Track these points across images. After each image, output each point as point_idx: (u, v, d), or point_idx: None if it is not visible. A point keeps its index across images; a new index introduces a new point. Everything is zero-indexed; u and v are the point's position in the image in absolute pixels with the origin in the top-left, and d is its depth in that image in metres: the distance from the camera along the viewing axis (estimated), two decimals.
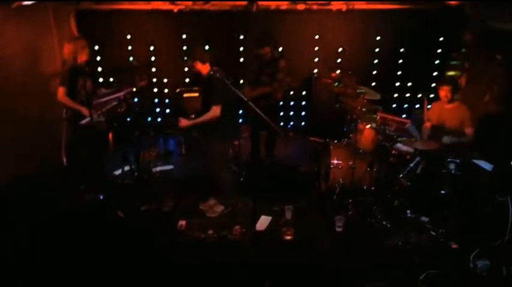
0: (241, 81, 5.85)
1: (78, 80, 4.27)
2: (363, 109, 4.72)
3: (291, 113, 6.73)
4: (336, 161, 4.53)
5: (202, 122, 4.04)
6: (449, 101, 4.37)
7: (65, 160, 4.75)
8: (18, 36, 4.79)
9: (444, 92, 4.34)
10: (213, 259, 3.58)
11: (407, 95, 6.57)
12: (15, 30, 4.74)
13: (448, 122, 4.40)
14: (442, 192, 4.00)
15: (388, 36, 6.23)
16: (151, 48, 6.24)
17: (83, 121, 4.25)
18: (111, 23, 6.08)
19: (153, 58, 6.23)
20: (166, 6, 5.83)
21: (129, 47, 6.22)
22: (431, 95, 6.35)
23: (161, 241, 3.82)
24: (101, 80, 6.29)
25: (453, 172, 4.00)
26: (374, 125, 4.55)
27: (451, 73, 6.08)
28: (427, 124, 4.54)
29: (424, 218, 4.01)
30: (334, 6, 5.87)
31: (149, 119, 6.64)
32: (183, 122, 4.14)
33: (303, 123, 6.79)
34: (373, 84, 6.23)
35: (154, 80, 6.29)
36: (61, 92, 4.23)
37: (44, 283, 3.27)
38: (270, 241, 3.84)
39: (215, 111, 3.96)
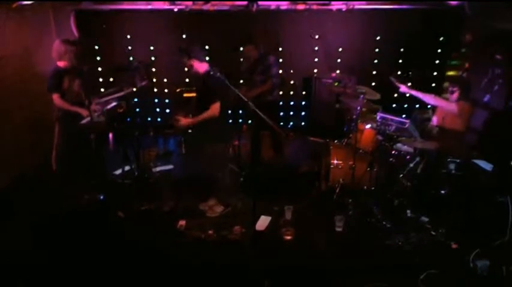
0: (241, 81, 5.86)
1: (63, 81, 4.26)
2: (363, 109, 4.72)
3: (291, 113, 6.74)
4: (336, 161, 4.53)
5: (202, 120, 4.04)
6: (458, 102, 4.33)
7: (54, 165, 4.60)
8: (18, 36, 4.79)
9: (456, 94, 4.30)
10: (213, 259, 3.58)
11: (407, 94, 6.56)
12: (15, 30, 4.74)
13: (453, 122, 4.38)
14: (442, 192, 4.00)
15: (388, 36, 6.24)
16: (152, 48, 6.25)
17: (83, 121, 4.26)
18: (111, 23, 6.09)
19: (153, 58, 6.25)
20: (167, 6, 5.84)
21: (129, 47, 6.23)
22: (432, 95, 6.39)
23: (161, 241, 3.82)
24: (100, 80, 6.32)
25: (453, 172, 4.00)
26: (374, 125, 4.54)
27: (451, 73, 6.08)
28: (433, 125, 4.54)
29: (424, 218, 4.01)
30: (334, 6, 5.87)
31: (149, 119, 6.65)
32: (184, 121, 4.14)
33: (303, 123, 6.80)
34: (373, 84, 6.25)
35: (154, 80, 6.30)
36: (56, 97, 4.24)
37: (44, 283, 3.27)
38: (270, 241, 3.84)
39: (215, 109, 3.97)
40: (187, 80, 6.36)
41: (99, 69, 6.29)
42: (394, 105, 6.53)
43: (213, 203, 4.30)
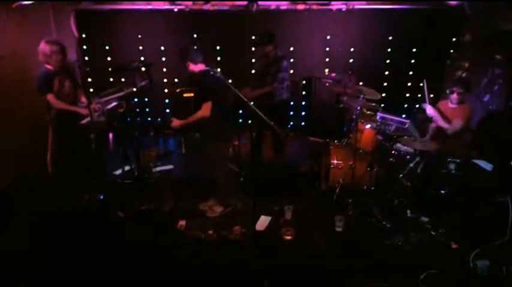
0: (241, 81, 5.86)
1: (54, 82, 4.24)
2: (363, 109, 4.72)
3: (291, 113, 6.74)
4: (336, 161, 4.53)
5: (194, 121, 4.03)
6: (458, 103, 4.33)
7: (50, 167, 4.56)
8: (18, 36, 4.79)
9: (457, 94, 4.30)
10: (213, 259, 3.58)
11: (407, 94, 6.57)
12: (16, 30, 4.74)
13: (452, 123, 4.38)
14: (442, 192, 4.01)
15: (389, 37, 6.24)
16: (152, 48, 6.25)
17: (83, 121, 4.26)
18: (111, 23, 6.09)
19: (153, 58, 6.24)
20: (166, 6, 5.84)
21: (129, 47, 6.23)
22: (432, 95, 6.38)
23: (161, 241, 3.82)
24: (100, 80, 6.31)
25: (453, 172, 4.00)
26: (374, 125, 4.55)
27: (451, 73, 6.08)
28: (432, 125, 4.53)
29: (424, 218, 4.01)
30: (334, 6, 5.87)
31: (149, 119, 6.65)
32: (176, 122, 4.13)
33: (303, 123, 6.80)
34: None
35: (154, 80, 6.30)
36: (51, 98, 4.21)
37: (44, 283, 3.27)
38: (270, 241, 3.84)
39: (205, 109, 3.94)
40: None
41: (99, 69, 6.29)
42: (394, 105, 6.52)
43: (213, 203, 4.30)
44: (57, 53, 4.21)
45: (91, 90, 5.47)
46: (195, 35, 6.20)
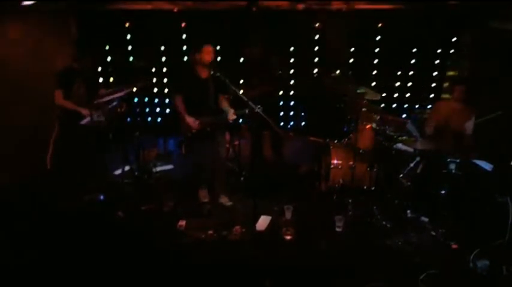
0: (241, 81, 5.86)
1: (75, 83, 4.26)
2: (363, 109, 4.72)
3: (291, 113, 6.74)
4: (336, 161, 4.53)
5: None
6: (461, 102, 4.33)
7: (49, 164, 4.61)
8: (20, 37, 4.80)
9: (458, 92, 4.30)
10: (213, 259, 3.58)
11: (407, 95, 6.56)
12: (17, 32, 4.75)
13: (454, 122, 4.38)
14: (442, 192, 4.01)
15: (389, 36, 6.24)
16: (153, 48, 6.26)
17: (83, 121, 4.26)
18: (111, 23, 6.09)
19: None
20: (167, 6, 5.84)
21: (130, 47, 6.23)
22: (432, 95, 6.39)
23: (161, 241, 3.82)
24: (100, 80, 6.32)
25: (453, 172, 4.00)
26: (374, 125, 4.55)
27: (451, 73, 6.08)
28: (432, 123, 4.54)
29: (424, 218, 4.02)
30: (334, 6, 5.87)
31: (149, 119, 6.65)
32: (195, 123, 4.18)
33: (303, 123, 6.80)
34: (373, 84, 6.26)
35: (155, 80, 6.31)
36: (59, 95, 4.22)
37: (44, 283, 3.27)
38: (270, 241, 3.84)
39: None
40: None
41: (99, 69, 6.29)
42: (394, 105, 6.53)
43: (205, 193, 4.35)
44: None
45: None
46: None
